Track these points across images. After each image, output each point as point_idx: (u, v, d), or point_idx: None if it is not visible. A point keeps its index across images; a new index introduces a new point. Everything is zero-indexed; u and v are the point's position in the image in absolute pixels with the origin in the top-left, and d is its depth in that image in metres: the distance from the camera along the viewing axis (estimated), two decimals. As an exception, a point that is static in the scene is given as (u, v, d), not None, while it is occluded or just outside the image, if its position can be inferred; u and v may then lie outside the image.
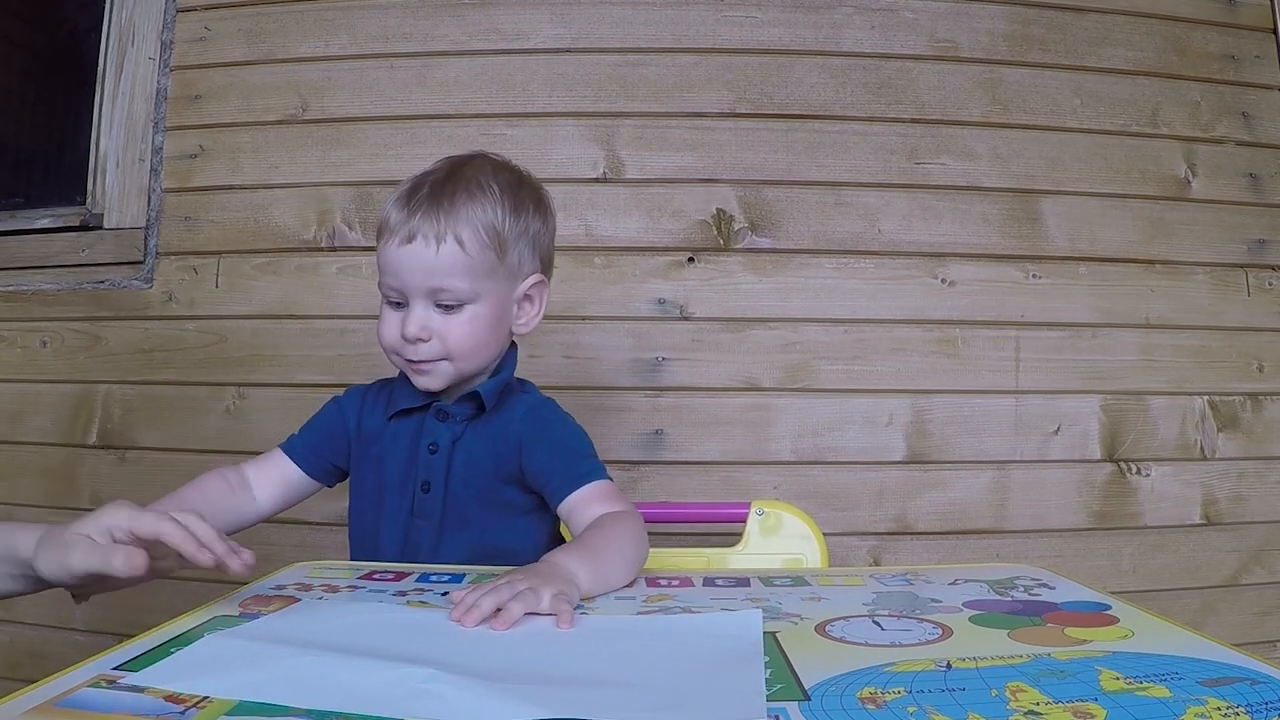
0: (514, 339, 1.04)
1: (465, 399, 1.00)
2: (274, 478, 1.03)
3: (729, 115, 1.59)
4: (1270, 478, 1.60)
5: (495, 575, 0.82)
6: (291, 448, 1.05)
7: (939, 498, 1.55)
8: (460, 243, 0.92)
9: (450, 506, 0.99)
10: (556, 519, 1.01)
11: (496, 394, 1.00)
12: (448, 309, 0.94)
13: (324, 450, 1.04)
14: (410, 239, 0.92)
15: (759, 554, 1.19)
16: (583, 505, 0.93)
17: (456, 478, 0.99)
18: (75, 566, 0.70)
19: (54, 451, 1.62)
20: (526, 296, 1.00)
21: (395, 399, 1.02)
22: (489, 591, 0.69)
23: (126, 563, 0.68)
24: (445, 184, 0.95)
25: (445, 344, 0.94)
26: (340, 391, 1.08)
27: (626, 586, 0.82)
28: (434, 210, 0.93)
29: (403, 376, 1.01)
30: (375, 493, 1.02)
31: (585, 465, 0.97)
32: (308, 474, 1.04)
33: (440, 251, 0.92)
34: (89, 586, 0.75)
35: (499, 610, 0.67)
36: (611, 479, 0.98)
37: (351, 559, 1.02)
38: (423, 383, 0.97)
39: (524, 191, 1.00)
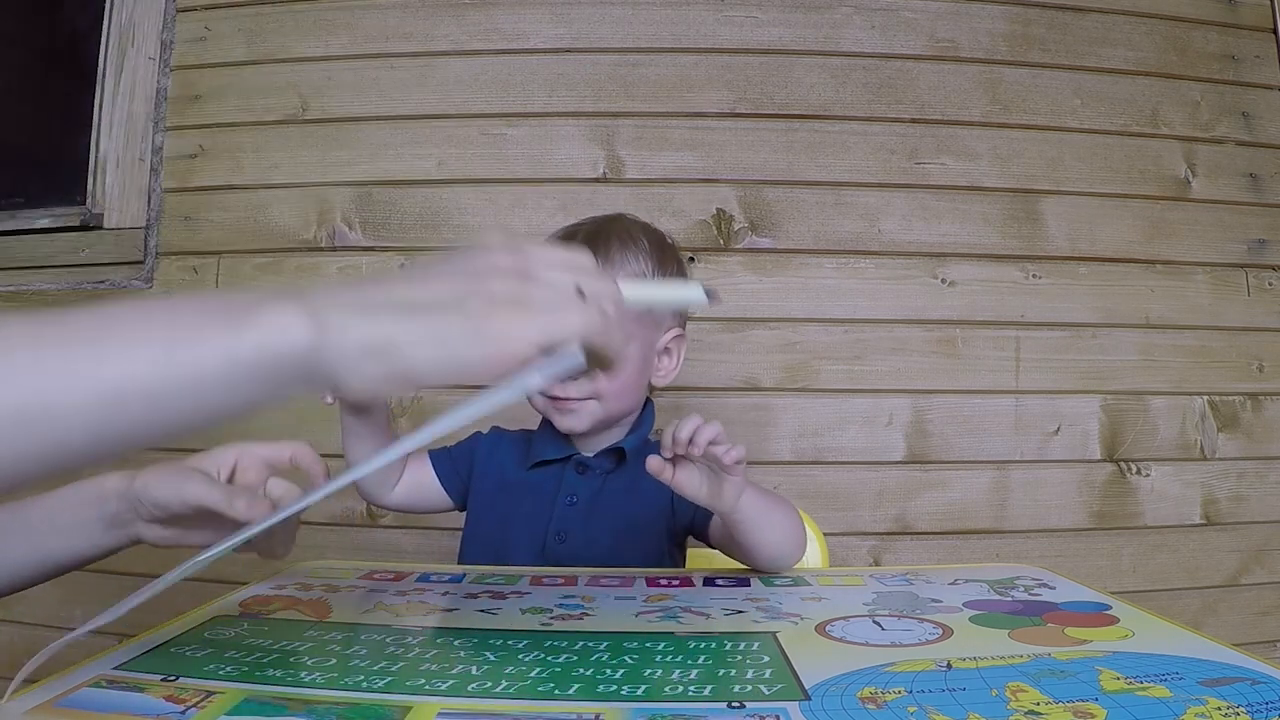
0: (650, 394, 1.04)
1: (606, 453, 1.00)
2: (413, 478, 1.01)
3: (729, 115, 1.59)
4: (1270, 478, 1.60)
5: (495, 575, 0.82)
6: (435, 456, 1.04)
7: (939, 498, 1.55)
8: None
9: (585, 559, 0.97)
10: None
11: (638, 449, 0.99)
12: None
13: (461, 471, 1.04)
14: None
15: (759, 554, 1.18)
16: None
17: (596, 530, 0.98)
18: (191, 497, 0.68)
19: (54, 451, 1.62)
20: (665, 349, 1.01)
21: (535, 450, 1.02)
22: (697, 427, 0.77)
23: (248, 508, 0.67)
24: (598, 235, 0.98)
25: (596, 382, 0.94)
26: None
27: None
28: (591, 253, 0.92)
29: (543, 428, 1.02)
30: (499, 531, 1.01)
31: None
32: (443, 487, 1.03)
33: None
34: (183, 524, 0.72)
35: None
36: None
37: None
38: (567, 423, 0.97)
39: (668, 250, 1.03)
